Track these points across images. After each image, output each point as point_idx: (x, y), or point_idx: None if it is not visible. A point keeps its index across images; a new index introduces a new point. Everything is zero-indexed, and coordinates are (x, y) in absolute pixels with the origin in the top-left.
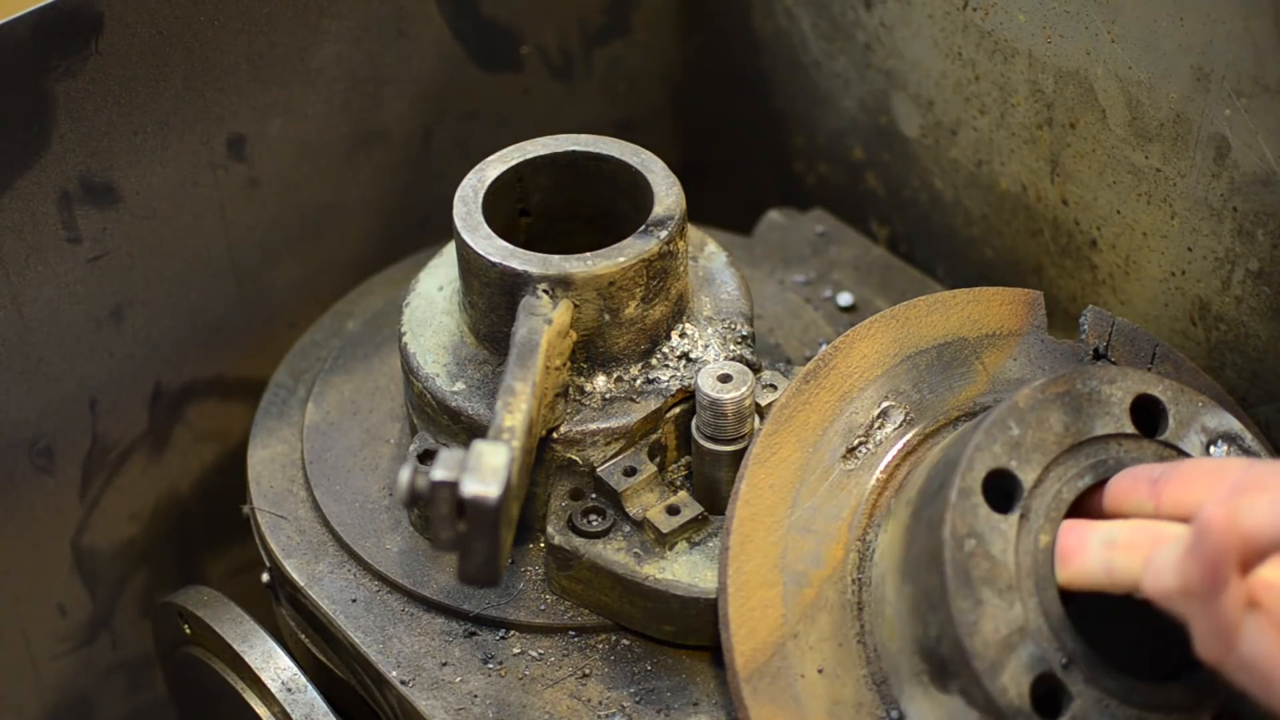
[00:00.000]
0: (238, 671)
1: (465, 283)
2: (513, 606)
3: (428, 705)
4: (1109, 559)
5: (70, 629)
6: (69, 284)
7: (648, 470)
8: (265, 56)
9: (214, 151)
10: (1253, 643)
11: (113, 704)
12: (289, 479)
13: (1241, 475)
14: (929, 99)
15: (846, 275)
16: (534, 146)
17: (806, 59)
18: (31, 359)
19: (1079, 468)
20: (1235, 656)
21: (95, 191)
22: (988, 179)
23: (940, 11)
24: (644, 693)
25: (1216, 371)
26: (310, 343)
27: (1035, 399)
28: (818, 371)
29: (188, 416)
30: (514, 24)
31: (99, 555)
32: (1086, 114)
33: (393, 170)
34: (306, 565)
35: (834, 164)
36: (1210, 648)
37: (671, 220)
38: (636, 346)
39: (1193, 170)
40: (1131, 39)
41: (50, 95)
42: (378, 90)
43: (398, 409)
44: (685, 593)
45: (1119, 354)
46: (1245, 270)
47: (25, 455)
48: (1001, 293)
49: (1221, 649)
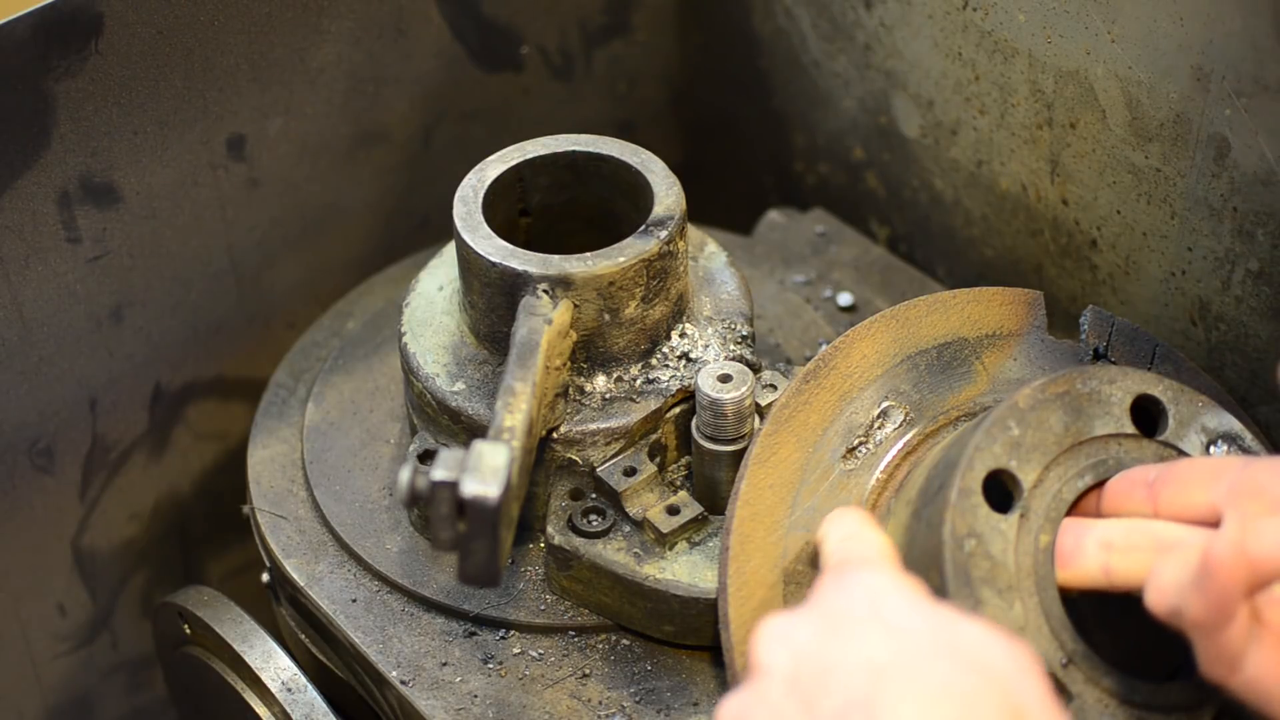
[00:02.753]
0: (238, 671)
1: (465, 283)
2: (513, 606)
3: (428, 705)
4: (1106, 561)
5: (70, 629)
6: (69, 284)
7: (648, 470)
8: (265, 56)
9: (214, 151)
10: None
11: (113, 704)
12: (289, 479)
13: (1238, 476)
14: (929, 99)
15: (846, 275)
16: (534, 146)
17: (806, 59)
18: (31, 359)
19: (1079, 468)
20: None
21: (95, 191)
22: (988, 179)
23: (940, 11)
24: (644, 693)
25: (1216, 371)
26: (310, 343)
27: (1035, 399)
28: (818, 371)
29: (188, 416)
30: (514, 24)
31: (99, 555)
32: (1086, 114)
33: (393, 170)
34: (306, 565)
35: (834, 164)
36: (1214, 670)
37: (671, 220)
38: (636, 346)
39: (1193, 170)
40: (1131, 39)
41: (50, 95)
42: (378, 90)
43: (398, 409)
44: (685, 593)
45: (1119, 354)
46: (1245, 270)
47: (25, 455)
48: (1001, 293)
49: (1226, 671)
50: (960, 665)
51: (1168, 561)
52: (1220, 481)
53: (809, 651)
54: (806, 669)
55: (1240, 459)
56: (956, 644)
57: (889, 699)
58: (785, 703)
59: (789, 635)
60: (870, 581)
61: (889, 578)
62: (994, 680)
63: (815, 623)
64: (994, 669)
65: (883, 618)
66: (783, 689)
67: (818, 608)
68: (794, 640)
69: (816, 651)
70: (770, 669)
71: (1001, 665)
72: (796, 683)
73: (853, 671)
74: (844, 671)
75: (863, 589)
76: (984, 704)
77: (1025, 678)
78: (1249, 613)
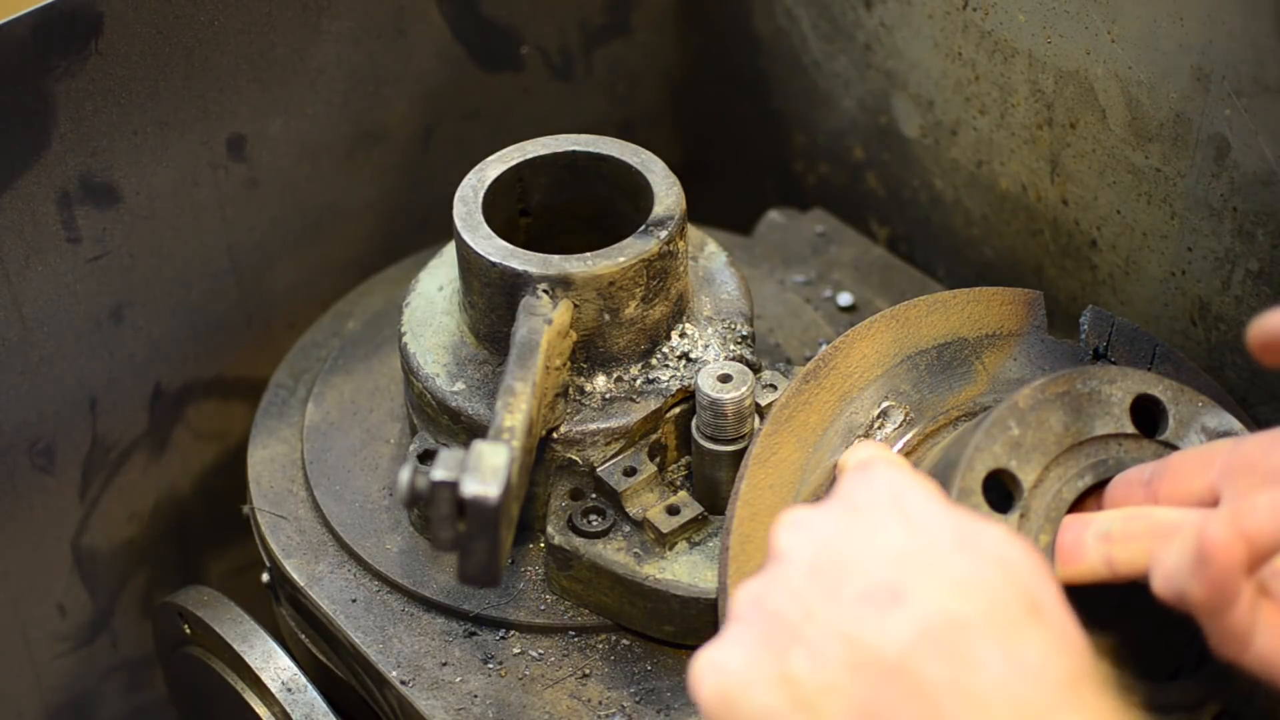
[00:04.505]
0: (238, 671)
1: (465, 283)
2: (513, 606)
3: (428, 705)
4: (1107, 552)
5: (70, 629)
6: (69, 284)
7: (648, 470)
8: (265, 56)
9: (214, 151)
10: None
11: (113, 704)
12: (289, 479)
13: (1229, 456)
14: (929, 99)
15: (846, 275)
16: (534, 146)
17: (806, 59)
18: (31, 359)
19: (1079, 468)
20: (1251, 653)
21: (95, 191)
22: (988, 179)
23: (940, 11)
24: (644, 693)
25: (1216, 371)
26: (310, 343)
27: (1035, 399)
28: (818, 371)
29: (188, 416)
30: (514, 24)
31: (99, 555)
32: (1086, 114)
33: (393, 170)
34: (306, 565)
35: (834, 164)
36: (1225, 649)
37: (671, 220)
38: (636, 346)
39: (1193, 170)
40: (1131, 39)
41: (50, 95)
42: (378, 90)
43: (398, 409)
44: (685, 593)
45: (1119, 354)
46: (1245, 270)
47: (25, 455)
48: (1001, 293)
49: (1237, 649)
50: (981, 559)
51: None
52: (1213, 466)
53: (830, 538)
54: (827, 556)
55: (1231, 439)
56: (977, 539)
57: (912, 584)
58: (806, 587)
59: (810, 524)
60: (892, 476)
61: (910, 476)
62: (1012, 574)
63: (837, 512)
64: (1013, 565)
65: (904, 510)
66: (803, 574)
67: (839, 499)
68: (815, 528)
69: (838, 539)
70: (790, 555)
71: (1020, 562)
72: (817, 568)
73: (875, 558)
74: (866, 558)
75: (884, 483)
76: (1004, 595)
77: (1041, 576)
78: (1254, 589)
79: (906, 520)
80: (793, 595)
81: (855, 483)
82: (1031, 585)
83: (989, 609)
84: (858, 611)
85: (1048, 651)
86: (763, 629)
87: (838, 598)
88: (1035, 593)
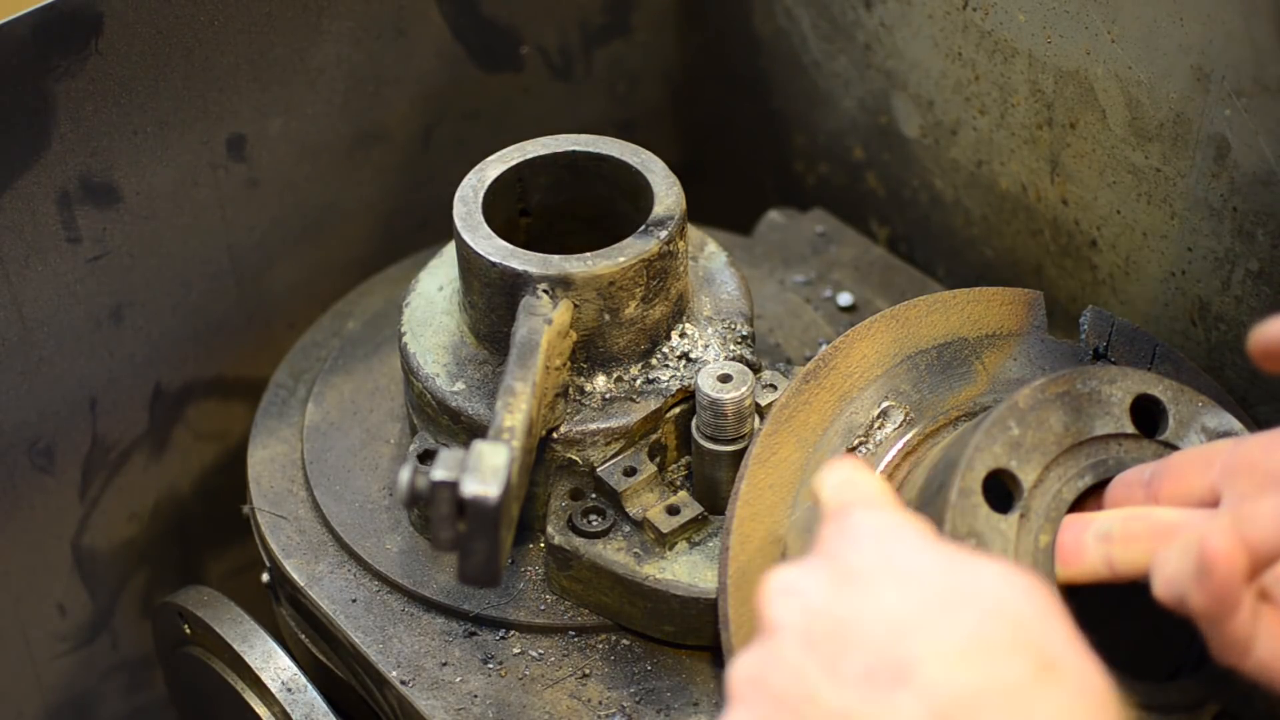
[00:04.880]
0: (238, 671)
1: (465, 283)
2: (513, 606)
3: (428, 705)
4: (1108, 553)
5: (70, 629)
6: (69, 284)
7: (648, 470)
8: (265, 56)
9: (214, 151)
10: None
11: (113, 704)
12: (289, 479)
13: (1229, 456)
14: (929, 99)
15: (846, 275)
16: (534, 146)
17: (806, 59)
18: (31, 359)
19: (1079, 468)
20: (1251, 660)
21: (95, 191)
22: (988, 179)
23: (940, 11)
24: (644, 693)
25: (1216, 371)
26: (310, 343)
27: (1035, 399)
28: (818, 371)
29: (188, 416)
30: (514, 24)
31: (99, 555)
32: (1086, 114)
33: (393, 170)
34: (306, 565)
35: (834, 164)
36: (1226, 655)
37: (671, 220)
38: (636, 346)
39: (1193, 170)
40: (1131, 39)
41: (50, 95)
42: (378, 90)
43: (398, 409)
44: (685, 593)
45: (1119, 354)
46: (1245, 270)
47: (25, 455)
48: (1001, 293)
49: (1237, 656)
50: (983, 614)
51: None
52: (1213, 466)
53: (821, 606)
54: (821, 626)
55: (1232, 440)
56: (975, 589)
57: (916, 658)
58: (805, 663)
59: (798, 589)
60: (874, 524)
61: (891, 518)
62: (1019, 628)
63: (823, 573)
64: (1018, 615)
65: (892, 564)
66: (799, 648)
67: (824, 557)
68: (804, 594)
69: (829, 605)
70: (782, 626)
71: (1023, 609)
72: (813, 641)
73: (872, 627)
74: (862, 628)
75: (868, 533)
76: (1013, 656)
77: (1048, 618)
78: (1255, 595)
79: (896, 575)
80: (793, 674)
81: (837, 536)
82: (1041, 637)
83: (998, 675)
84: (862, 693)
85: (1064, 716)
86: (765, 713)
87: (839, 675)
88: (1045, 645)
